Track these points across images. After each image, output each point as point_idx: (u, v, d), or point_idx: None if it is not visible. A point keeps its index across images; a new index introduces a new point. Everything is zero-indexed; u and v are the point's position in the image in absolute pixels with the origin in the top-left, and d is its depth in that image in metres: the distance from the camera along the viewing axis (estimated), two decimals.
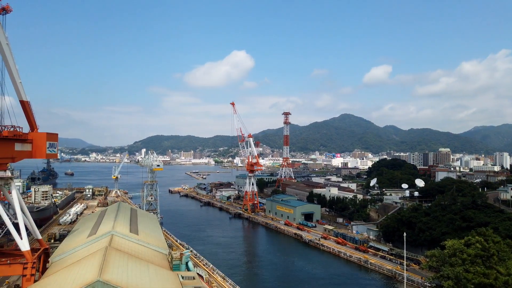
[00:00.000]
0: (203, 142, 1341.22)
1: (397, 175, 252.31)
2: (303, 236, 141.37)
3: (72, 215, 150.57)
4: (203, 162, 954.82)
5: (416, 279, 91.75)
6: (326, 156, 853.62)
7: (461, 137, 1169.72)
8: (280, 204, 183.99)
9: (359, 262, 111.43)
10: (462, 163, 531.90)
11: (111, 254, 54.31)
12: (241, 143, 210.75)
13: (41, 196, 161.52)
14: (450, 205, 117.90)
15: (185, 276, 58.51)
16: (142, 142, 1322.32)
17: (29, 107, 68.98)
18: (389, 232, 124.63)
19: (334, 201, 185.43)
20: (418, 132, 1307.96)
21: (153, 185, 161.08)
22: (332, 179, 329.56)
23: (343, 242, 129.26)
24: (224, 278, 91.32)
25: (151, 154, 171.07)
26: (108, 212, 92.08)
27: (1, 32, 62.70)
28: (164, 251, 70.91)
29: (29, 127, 69.15)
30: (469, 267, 66.52)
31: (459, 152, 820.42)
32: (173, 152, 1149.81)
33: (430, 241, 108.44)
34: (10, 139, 62.71)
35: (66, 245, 73.05)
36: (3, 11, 63.53)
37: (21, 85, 67.35)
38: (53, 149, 69.97)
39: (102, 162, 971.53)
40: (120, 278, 46.65)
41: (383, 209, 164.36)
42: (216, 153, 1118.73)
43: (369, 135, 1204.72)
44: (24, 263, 61.13)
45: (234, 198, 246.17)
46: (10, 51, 65.10)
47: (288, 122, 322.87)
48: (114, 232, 67.43)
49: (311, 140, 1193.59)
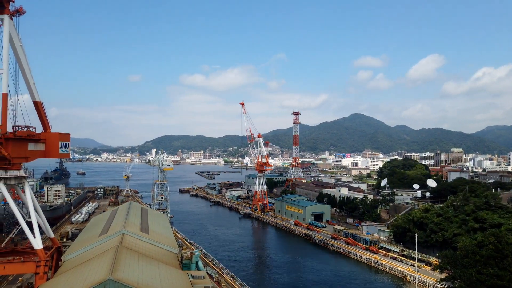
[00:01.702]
0: (213, 142, 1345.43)
1: (408, 176, 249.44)
2: (313, 236, 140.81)
3: (84, 214, 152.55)
4: (212, 162, 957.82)
5: (428, 281, 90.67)
6: (336, 156, 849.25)
7: (474, 137, 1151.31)
8: (290, 204, 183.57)
9: (369, 263, 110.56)
10: (475, 163, 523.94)
11: (122, 253, 54.81)
12: (251, 143, 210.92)
13: (53, 195, 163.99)
14: (462, 206, 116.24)
15: (195, 276, 58.76)
16: (153, 142, 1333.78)
17: (42, 108, 69.97)
18: (400, 233, 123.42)
19: (344, 201, 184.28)
20: (429, 132, 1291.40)
21: (163, 185, 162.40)
22: (342, 179, 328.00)
23: (353, 243, 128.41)
24: (234, 278, 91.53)
25: (162, 154, 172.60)
26: (119, 212, 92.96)
27: (14, 34, 63.78)
28: (174, 250, 71.30)
29: (42, 127, 70.16)
30: (482, 269, 65.51)
31: (472, 152, 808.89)
32: (183, 152, 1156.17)
33: (442, 242, 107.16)
34: (23, 139, 63.64)
35: (78, 244, 74.02)
36: (16, 13, 64.57)
37: (34, 86, 68.39)
38: (66, 149, 70.77)
39: (113, 162, 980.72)
40: (131, 276, 47.07)
41: (394, 209, 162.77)
42: (226, 153, 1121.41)
43: (380, 135, 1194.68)
44: (37, 261, 61.82)
45: (244, 198, 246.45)
46: (24, 53, 66.21)
47: (298, 122, 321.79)
48: (125, 231, 68.01)
49: (321, 140, 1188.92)
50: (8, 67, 62.41)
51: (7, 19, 62.05)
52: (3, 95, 62.02)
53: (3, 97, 62.01)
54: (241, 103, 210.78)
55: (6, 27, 61.87)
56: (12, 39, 63.09)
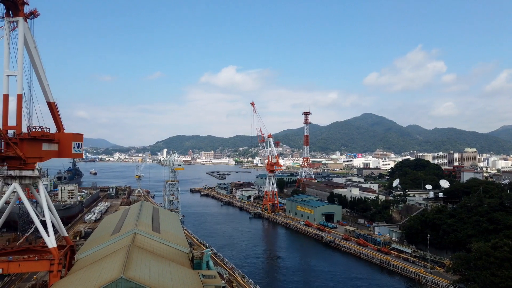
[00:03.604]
0: (223, 142, 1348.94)
1: (421, 176, 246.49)
2: (324, 236, 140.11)
3: (97, 214, 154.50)
4: (223, 162, 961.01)
5: (441, 282, 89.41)
6: (347, 156, 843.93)
7: (488, 137, 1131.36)
8: (300, 204, 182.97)
9: (381, 264, 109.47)
10: (489, 164, 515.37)
11: (134, 252, 55.36)
12: (261, 143, 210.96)
13: (67, 195, 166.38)
14: (476, 207, 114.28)
15: (206, 275, 59.06)
16: (164, 142, 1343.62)
17: (55, 108, 71.13)
18: (413, 234, 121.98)
19: (355, 201, 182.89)
20: (442, 131, 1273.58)
21: (174, 185, 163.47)
22: (353, 180, 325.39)
23: (364, 244, 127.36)
24: (244, 277, 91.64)
25: (173, 154, 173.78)
26: (131, 211, 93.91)
27: (29, 36, 64.91)
28: (185, 249, 71.74)
29: (55, 128, 71.26)
30: (496, 271, 64.36)
31: (486, 152, 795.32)
32: (194, 152, 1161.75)
33: (455, 243, 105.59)
34: (38, 139, 64.73)
35: (91, 243, 75.00)
36: (31, 16, 65.69)
37: (48, 87, 69.57)
38: (79, 149, 71.78)
39: (125, 161, 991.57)
40: (143, 275, 47.51)
41: (406, 210, 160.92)
42: (236, 153, 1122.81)
43: (392, 135, 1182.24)
44: (51, 259, 62.80)
45: (254, 198, 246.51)
46: (38, 54, 67.35)
47: (309, 121, 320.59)
48: (137, 231, 68.68)
49: (331, 140, 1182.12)
50: (23, 68, 63.57)
51: (22, 22, 63.19)
52: (18, 96, 63.20)
53: (18, 98, 63.19)
54: (252, 103, 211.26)
55: (21, 29, 63.01)
56: (27, 41, 64.25)
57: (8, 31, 63.55)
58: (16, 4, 62.44)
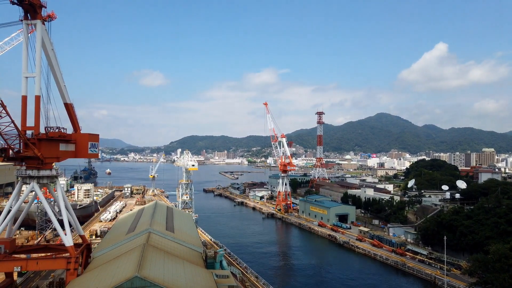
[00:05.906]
0: (237, 142, 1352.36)
1: (437, 176, 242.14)
2: (338, 237, 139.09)
3: (112, 213, 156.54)
4: (236, 162, 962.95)
5: (458, 285, 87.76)
6: (361, 156, 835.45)
7: (507, 136, 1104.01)
8: (314, 204, 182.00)
9: (396, 265, 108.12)
10: (508, 164, 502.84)
11: (148, 251, 55.97)
12: (274, 143, 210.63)
13: (83, 194, 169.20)
14: (494, 208, 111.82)
15: (219, 275, 59.25)
16: (178, 142, 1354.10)
17: (72, 109, 72.50)
18: (428, 235, 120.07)
19: (370, 202, 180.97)
20: (459, 131, 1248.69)
21: (188, 185, 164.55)
22: (367, 180, 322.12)
23: (379, 245, 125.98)
24: (257, 277, 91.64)
25: (187, 154, 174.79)
26: (145, 211, 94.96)
27: (46, 38, 66.30)
28: (199, 249, 72.14)
29: (72, 128, 72.60)
30: None
31: (505, 152, 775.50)
32: (207, 152, 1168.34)
33: (472, 245, 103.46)
34: (55, 140, 66.07)
35: (106, 242, 76.07)
36: (48, 18, 67.06)
37: (65, 89, 70.96)
38: (95, 149, 72.99)
39: (139, 162, 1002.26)
40: (157, 274, 48.01)
41: (421, 211, 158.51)
42: (249, 153, 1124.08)
43: (407, 135, 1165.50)
44: (68, 257, 63.93)
45: (267, 198, 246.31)
46: (55, 56, 68.71)
47: (322, 121, 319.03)
48: (151, 230, 69.37)
49: (345, 140, 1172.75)
50: (40, 70, 64.97)
51: (40, 25, 64.58)
52: (36, 98, 64.65)
53: (36, 99, 64.64)
54: (265, 103, 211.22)
55: (39, 32, 64.40)
56: (44, 44, 65.62)
57: (26, 34, 65.04)
58: (34, 7, 63.83)
